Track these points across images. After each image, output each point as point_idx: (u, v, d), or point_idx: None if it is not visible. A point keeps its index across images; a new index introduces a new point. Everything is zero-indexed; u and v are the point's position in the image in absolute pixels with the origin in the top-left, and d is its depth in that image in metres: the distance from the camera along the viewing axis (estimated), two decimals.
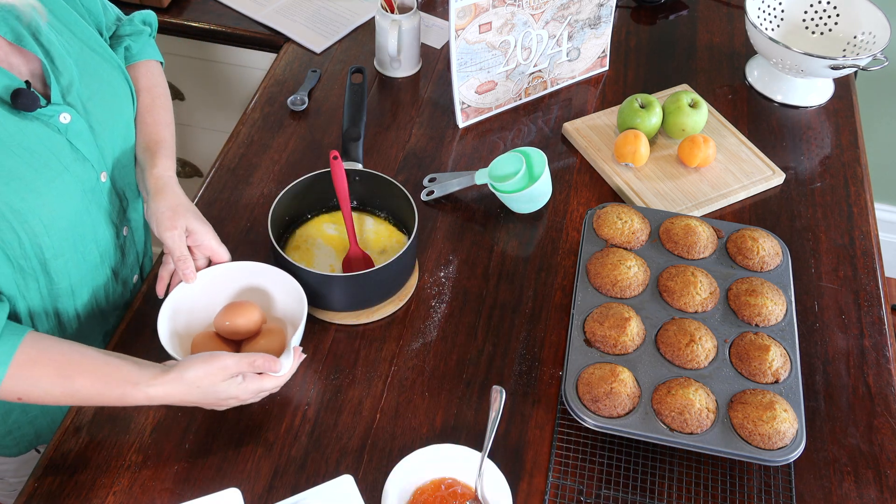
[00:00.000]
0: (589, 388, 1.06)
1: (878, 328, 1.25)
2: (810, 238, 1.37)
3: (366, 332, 1.20)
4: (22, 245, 1.02)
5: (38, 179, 1.01)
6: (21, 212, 1.00)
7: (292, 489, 1.04)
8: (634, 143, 1.41)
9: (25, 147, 1.00)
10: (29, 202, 1.00)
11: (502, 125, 1.54)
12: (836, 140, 1.55)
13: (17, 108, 0.99)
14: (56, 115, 1.03)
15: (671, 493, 1.05)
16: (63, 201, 1.05)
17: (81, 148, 1.06)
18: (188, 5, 1.77)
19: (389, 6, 1.53)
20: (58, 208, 1.04)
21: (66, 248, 1.08)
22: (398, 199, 1.26)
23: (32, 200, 1.00)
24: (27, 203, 1.00)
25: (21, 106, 0.98)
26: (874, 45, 1.53)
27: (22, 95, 0.98)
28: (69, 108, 1.04)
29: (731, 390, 1.08)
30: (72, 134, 1.05)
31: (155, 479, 1.04)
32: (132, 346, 1.16)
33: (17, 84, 0.99)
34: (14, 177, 0.98)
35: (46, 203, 1.02)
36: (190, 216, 1.12)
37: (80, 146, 1.06)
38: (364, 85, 1.40)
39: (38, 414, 1.21)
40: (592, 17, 1.55)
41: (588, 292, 1.19)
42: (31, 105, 0.99)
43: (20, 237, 1.01)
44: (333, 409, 1.12)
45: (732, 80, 1.65)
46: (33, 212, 1.01)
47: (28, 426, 1.22)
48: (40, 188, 1.01)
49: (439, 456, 1.02)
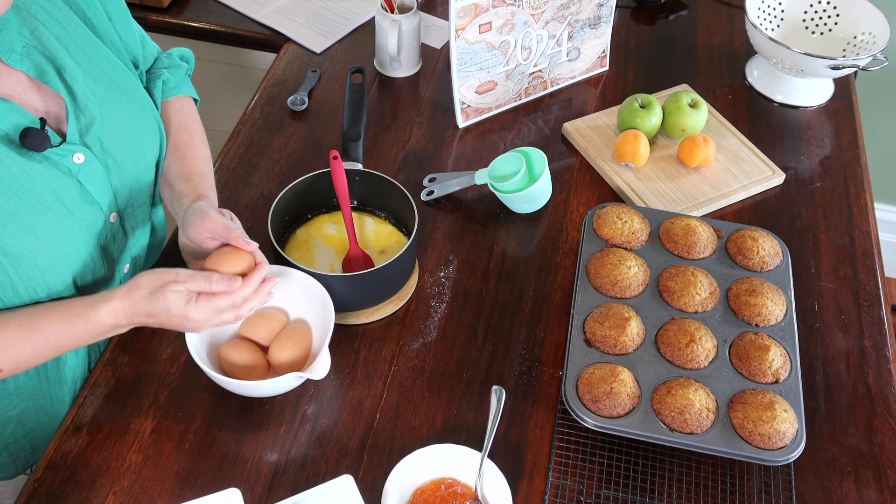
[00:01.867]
0: (589, 388, 1.06)
1: (878, 328, 1.25)
2: (810, 238, 1.37)
3: (366, 332, 1.20)
4: (14, 287, 0.99)
5: (38, 223, 0.98)
6: (16, 255, 0.97)
7: (292, 489, 1.04)
8: (634, 143, 1.41)
9: (28, 189, 0.97)
10: (25, 245, 0.97)
11: (502, 125, 1.54)
12: (836, 140, 1.55)
13: (25, 147, 0.96)
14: (69, 155, 1.00)
15: (671, 493, 1.05)
16: (63, 246, 1.02)
17: (92, 190, 1.03)
18: (188, 5, 1.77)
19: (389, 6, 1.54)
20: (57, 252, 1.01)
21: (63, 289, 1.04)
22: (398, 199, 1.26)
23: (29, 244, 0.97)
24: (23, 246, 0.97)
25: (29, 145, 0.96)
26: (874, 45, 1.53)
27: (31, 135, 0.95)
28: (84, 149, 1.02)
29: (731, 390, 1.08)
30: (84, 175, 1.02)
31: (155, 479, 1.04)
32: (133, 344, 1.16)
33: (28, 122, 0.97)
34: (12, 219, 0.95)
35: (44, 247, 0.99)
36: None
37: (90, 188, 1.03)
38: (364, 85, 1.40)
39: (33, 427, 1.18)
40: (592, 17, 1.55)
41: (588, 292, 1.19)
42: (40, 145, 0.96)
43: (13, 280, 0.98)
44: (333, 409, 1.12)
45: (732, 80, 1.65)
46: (28, 256, 0.98)
47: (24, 440, 1.20)
48: (39, 232, 0.98)
49: (439, 456, 1.02)
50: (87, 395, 1.11)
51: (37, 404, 1.16)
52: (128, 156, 1.09)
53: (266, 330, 1.13)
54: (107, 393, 1.11)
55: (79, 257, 1.05)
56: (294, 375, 1.03)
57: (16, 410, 1.15)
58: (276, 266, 1.15)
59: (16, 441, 1.19)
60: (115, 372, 1.13)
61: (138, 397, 1.11)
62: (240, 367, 1.09)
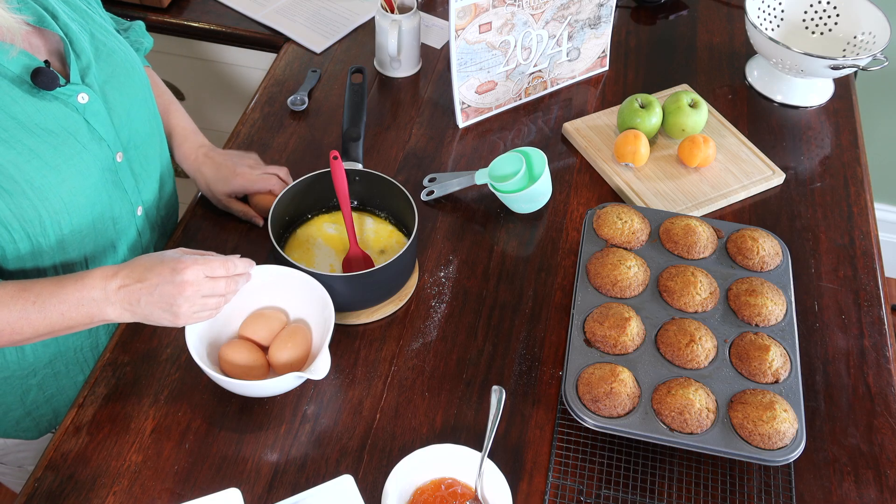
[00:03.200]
0: (589, 388, 1.06)
1: (878, 328, 1.25)
2: (810, 238, 1.37)
3: (366, 332, 1.20)
4: (42, 222, 1.04)
5: (58, 157, 1.03)
6: (42, 189, 1.02)
7: (292, 489, 1.04)
8: (634, 143, 1.41)
9: (44, 127, 1.02)
10: (49, 180, 1.02)
11: (502, 125, 1.54)
12: (836, 140, 1.55)
13: (38, 87, 1.01)
14: (74, 95, 1.05)
15: (671, 493, 1.05)
16: (82, 179, 1.06)
17: (98, 128, 1.08)
18: (188, 5, 1.77)
19: (389, 6, 1.53)
20: (77, 185, 1.06)
21: (84, 225, 1.09)
22: (398, 199, 1.26)
23: (52, 178, 1.02)
24: (48, 181, 1.02)
25: (41, 84, 1.00)
26: (874, 45, 1.53)
27: (42, 74, 1.00)
28: (87, 89, 1.06)
29: (731, 390, 1.08)
30: (89, 114, 1.07)
31: (155, 479, 1.04)
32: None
33: (36, 63, 1.01)
34: (34, 155, 1.01)
35: (66, 180, 1.04)
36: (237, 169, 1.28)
37: (97, 126, 1.08)
38: (364, 85, 1.40)
39: (54, 392, 1.23)
40: (592, 17, 1.55)
41: (588, 292, 1.19)
42: (51, 84, 1.01)
43: (41, 214, 1.03)
44: (333, 409, 1.12)
45: (732, 80, 1.65)
46: (53, 189, 1.03)
47: (45, 405, 1.24)
48: (60, 165, 1.03)
49: (439, 456, 1.02)
50: (87, 395, 1.11)
51: (55, 370, 1.20)
52: (124, 97, 1.14)
53: (266, 330, 1.13)
54: (107, 393, 1.11)
55: (96, 192, 1.10)
56: (294, 375, 1.03)
57: (36, 378, 1.20)
58: (276, 266, 1.15)
59: (38, 406, 1.24)
60: (115, 372, 1.13)
61: (138, 397, 1.11)
62: (240, 367, 1.09)
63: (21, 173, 1.00)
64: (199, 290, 1.00)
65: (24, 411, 1.23)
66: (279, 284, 1.15)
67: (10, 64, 0.99)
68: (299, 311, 1.17)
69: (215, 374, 1.04)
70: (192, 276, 0.99)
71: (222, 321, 1.13)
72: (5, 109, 0.98)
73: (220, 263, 1.02)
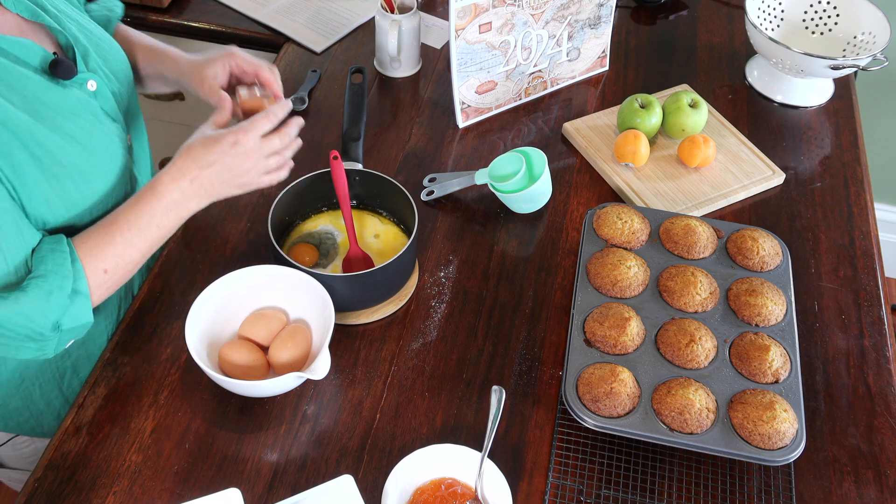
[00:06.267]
0: (589, 388, 1.06)
1: (878, 328, 1.25)
2: (810, 238, 1.37)
3: (366, 332, 1.20)
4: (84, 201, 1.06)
5: (92, 141, 1.06)
6: (85, 173, 1.05)
7: (292, 489, 1.04)
8: (634, 143, 1.41)
9: (74, 112, 1.05)
10: (91, 163, 1.06)
11: (502, 125, 1.54)
12: (836, 140, 1.55)
13: (58, 77, 1.03)
14: (84, 83, 1.07)
15: (671, 493, 1.05)
16: (114, 161, 1.11)
17: (109, 111, 1.11)
18: (188, 5, 1.77)
19: (389, 6, 1.54)
20: (111, 168, 1.10)
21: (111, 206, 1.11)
22: (398, 199, 1.26)
23: (93, 161, 1.06)
24: (89, 164, 1.06)
25: (60, 74, 1.03)
26: (874, 45, 1.53)
27: (60, 64, 1.02)
28: (93, 75, 1.09)
29: (731, 390, 1.08)
30: (101, 99, 1.10)
31: (155, 479, 1.04)
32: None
33: (50, 56, 1.03)
34: (74, 140, 1.04)
35: (103, 163, 1.08)
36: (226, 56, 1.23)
37: (108, 110, 1.11)
38: (364, 85, 1.40)
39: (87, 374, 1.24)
40: (592, 17, 1.55)
41: (588, 292, 1.19)
42: (69, 73, 1.04)
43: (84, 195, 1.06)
44: (333, 409, 1.12)
45: (732, 80, 1.65)
46: (94, 171, 1.07)
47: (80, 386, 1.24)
48: (96, 149, 1.07)
49: (439, 456, 1.02)
50: (87, 395, 1.11)
51: (88, 352, 1.23)
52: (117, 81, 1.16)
53: (266, 330, 1.13)
54: (107, 393, 1.11)
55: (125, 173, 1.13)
56: (294, 375, 1.03)
57: (70, 359, 1.21)
58: (276, 266, 1.15)
59: (75, 392, 1.25)
60: (115, 372, 1.13)
61: (138, 397, 1.11)
62: (240, 367, 1.09)
63: (67, 157, 1.02)
64: (262, 151, 1.07)
65: (64, 399, 1.24)
66: (279, 284, 1.15)
67: (29, 58, 1.01)
68: (299, 311, 1.17)
69: (215, 374, 1.04)
70: (251, 142, 1.06)
71: (222, 321, 1.14)
72: (40, 98, 1.01)
73: (265, 118, 1.08)
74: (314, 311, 1.14)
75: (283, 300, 1.17)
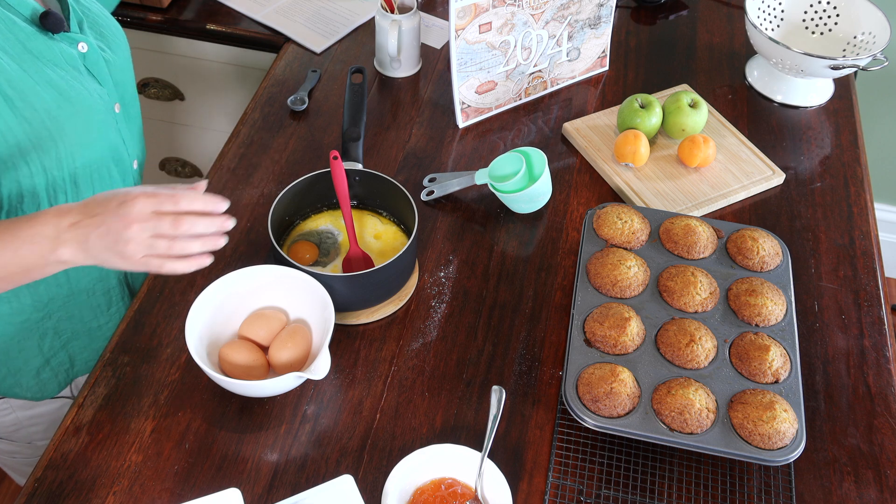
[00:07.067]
0: (589, 388, 1.06)
1: (878, 328, 1.25)
2: (810, 238, 1.37)
3: (366, 332, 1.20)
4: (58, 153, 1.07)
5: (70, 90, 1.07)
6: (58, 119, 1.05)
7: (292, 489, 1.04)
8: (634, 143, 1.41)
9: (55, 62, 1.06)
10: (65, 110, 1.06)
11: (502, 125, 1.54)
12: (836, 140, 1.55)
13: (46, 28, 1.05)
14: (75, 44, 1.09)
15: (671, 493, 1.05)
16: (91, 113, 1.10)
17: (98, 76, 1.13)
18: (188, 5, 1.77)
19: (389, 6, 1.53)
20: (88, 119, 1.09)
21: (94, 160, 1.13)
22: (398, 199, 1.26)
23: (67, 108, 1.06)
24: (63, 111, 1.06)
25: (48, 26, 1.05)
26: (874, 45, 1.53)
27: (50, 16, 1.04)
28: (86, 38, 1.11)
29: (731, 390, 1.08)
30: (89, 62, 1.12)
31: (155, 479, 1.04)
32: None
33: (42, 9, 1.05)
34: (51, 85, 1.05)
35: (78, 112, 1.08)
36: None
37: (96, 74, 1.13)
38: (364, 85, 1.40)
39: (69, 337, 1.27)
40: (592, 17, 1.55)
41: (588, 292, 1.19)
42: (57, 26, 1.05)
43: (58, 146, 1.06)
44: (333, 409, 1.12)
45: (732, 80, 1.65)
46: (69, 119, 1.06)
47: (62, 351, 1.27)
48: (72, 97, 1.07)
49: (439, 456, 1.02)
50: (87, 395, 1.11)
51: (69, 312, 1.23)
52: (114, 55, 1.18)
53: (266, 330, 1.13)
54: (107, 393, 1.11)
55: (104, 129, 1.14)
56: (294, 375, 1.03)
57: (52, 321, 1.22)
58: (276, 266, 1.15)
59: (55, 353, 1.26)
60: (115, 372, 1.13)
61: (138, 397, 1.11)
62: (240, 367, 1.09)
63: (41, 101, 1.03)
64: (146, 226, 0.87)
65: (43, 360, 1.25)
66: (279, 284, 1.15)
67: (20, 6, 1.03)
68: (299, 311, 1.17)
69: (215, 374, 1.04)
70: (138, 209, 0.87)
71: (222, 321, 1.14)
72: (24, 43, 1.03)
73: (169, 196, 0.88)
74: (314, 311, 1.14)
75: (283, 300, 1.17)
